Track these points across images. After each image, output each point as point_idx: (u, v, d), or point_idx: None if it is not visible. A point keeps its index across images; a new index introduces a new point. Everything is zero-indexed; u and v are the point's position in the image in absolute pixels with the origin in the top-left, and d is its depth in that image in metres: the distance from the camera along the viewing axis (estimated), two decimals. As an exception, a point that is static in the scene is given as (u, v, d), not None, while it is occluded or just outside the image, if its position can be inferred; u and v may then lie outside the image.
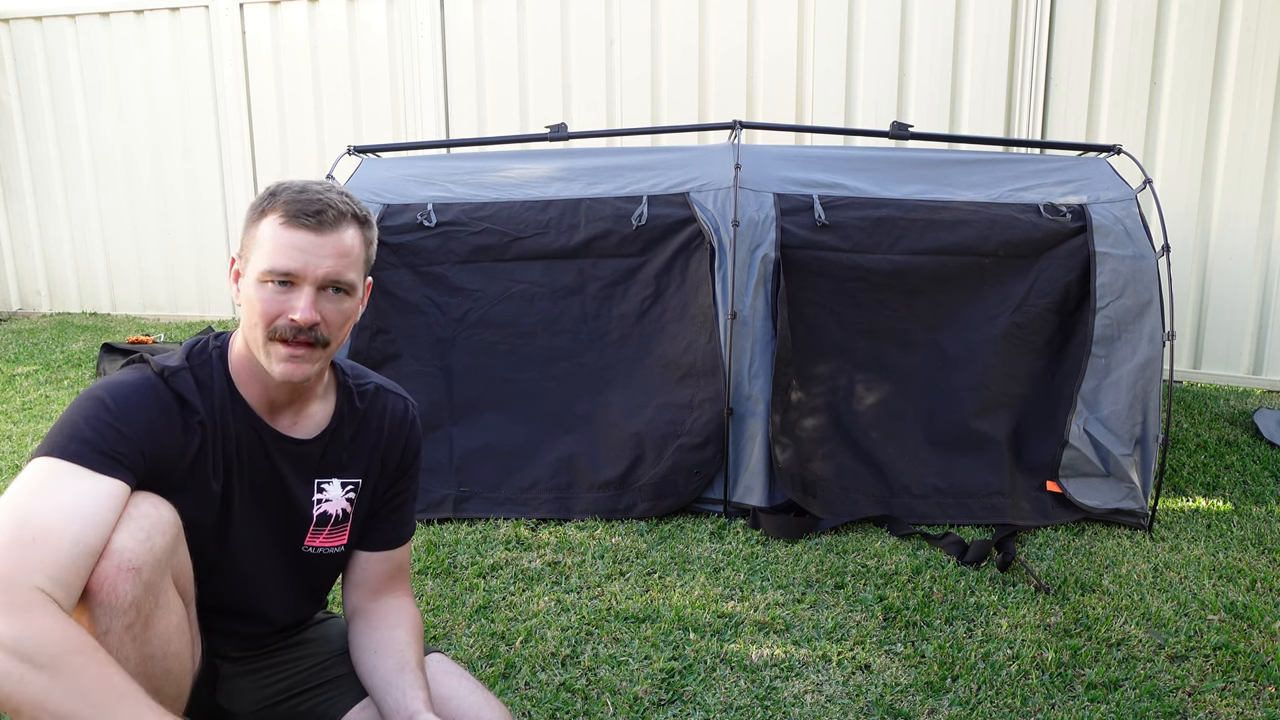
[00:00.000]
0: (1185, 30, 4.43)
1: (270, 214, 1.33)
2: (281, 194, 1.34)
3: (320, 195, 1.33)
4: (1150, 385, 2.88)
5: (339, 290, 1.36)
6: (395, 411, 1.59)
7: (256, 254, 1.34)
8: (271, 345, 1.34)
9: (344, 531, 1.55)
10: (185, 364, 1.38)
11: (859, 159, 3.18)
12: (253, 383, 1.41)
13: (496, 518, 2.95)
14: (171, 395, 1.33)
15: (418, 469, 1.65)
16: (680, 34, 5.25)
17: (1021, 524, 2.86)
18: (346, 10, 5.82)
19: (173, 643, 1.25)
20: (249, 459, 1.42)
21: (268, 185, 1.38)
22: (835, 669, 2.10)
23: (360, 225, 1.39)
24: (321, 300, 1.34)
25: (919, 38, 4.86)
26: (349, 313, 1.39)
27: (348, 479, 1.54)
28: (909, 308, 3.00)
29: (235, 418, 1.40)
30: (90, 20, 6.26)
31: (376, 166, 3.32)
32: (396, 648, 1.48)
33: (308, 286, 1.33)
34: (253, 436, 1.42)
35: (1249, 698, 2.00)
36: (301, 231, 1.31)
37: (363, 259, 1.40)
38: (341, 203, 1.35)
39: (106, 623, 1.16)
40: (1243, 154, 4.41)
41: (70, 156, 6.45)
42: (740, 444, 2.95)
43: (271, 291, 1.32)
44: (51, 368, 4.95)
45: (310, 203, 1.32)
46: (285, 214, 1.32)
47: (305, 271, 1.32)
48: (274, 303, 1.32)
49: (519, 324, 3.08)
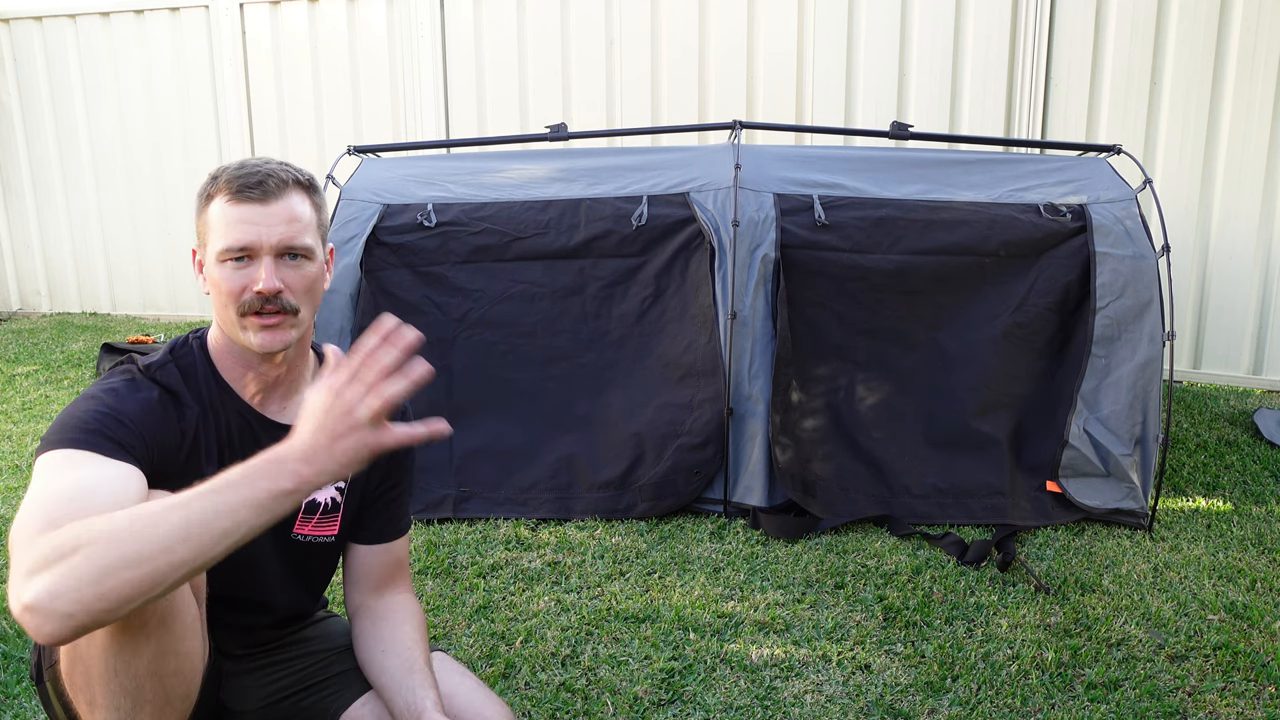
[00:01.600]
0: (1185, 30, 4.42)
1: (216, 196, 1.36)
2: (223, 175, 1.37)
3: (260, 167, 1.37)
4: (1150, 385, 2.88)
5: (296, 256, 1.38)
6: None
7: (211, 237, 1.36)
8: (244, 320, 1.36)
9: (334, 521, 1.56)
10: (169, 358, 1.40)
11: (859, 159, 3.18)
12: (236, 368, 1.43)
13: (496, 518, 2.95)
14: (160, 389, 1.35)
15: (412, 461, 1.65)
16: (680, 34, 5.25)
17: (1021, 524, 2.86)
18: (346, 10, 5.82)
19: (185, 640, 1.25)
20: (240, 446, 1.43)
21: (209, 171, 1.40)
22: (835, 669, 2.10)
23: (306, 190, 1.41)
24: (281, 268, 1.36)
25: (919, 38, 4.86)
26: (312, 278, 1.41)
27: None
28: (909, 308, 3.00)
29: (224, 406, 1.42)
30: (90, 20, 6.25)
31: (376, 166, 3.32)
32: (403, 645, 1.48)
33: (265, 257, 1.35)
34: (242, 424, 1.43)
35: (1249, 698, 2.00)
36: (248, 205, 1.34)
37: (315, 223, 1.43)
38: (282, 171, 1.38)
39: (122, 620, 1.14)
40: (1243, 154, 4.41)
41: (70, 156, 6.45)
42: (740, 444, 2.95)
43: (231, 269, 1.35)
44: (51, 368, 4.95)
45: (251, 175, 1.35)
46: (229, 191, 1.34)
47: (259, 243, 1.34)
48: (236, 279, 1.35)
49: (519, 324, 3.08)
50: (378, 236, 3.04)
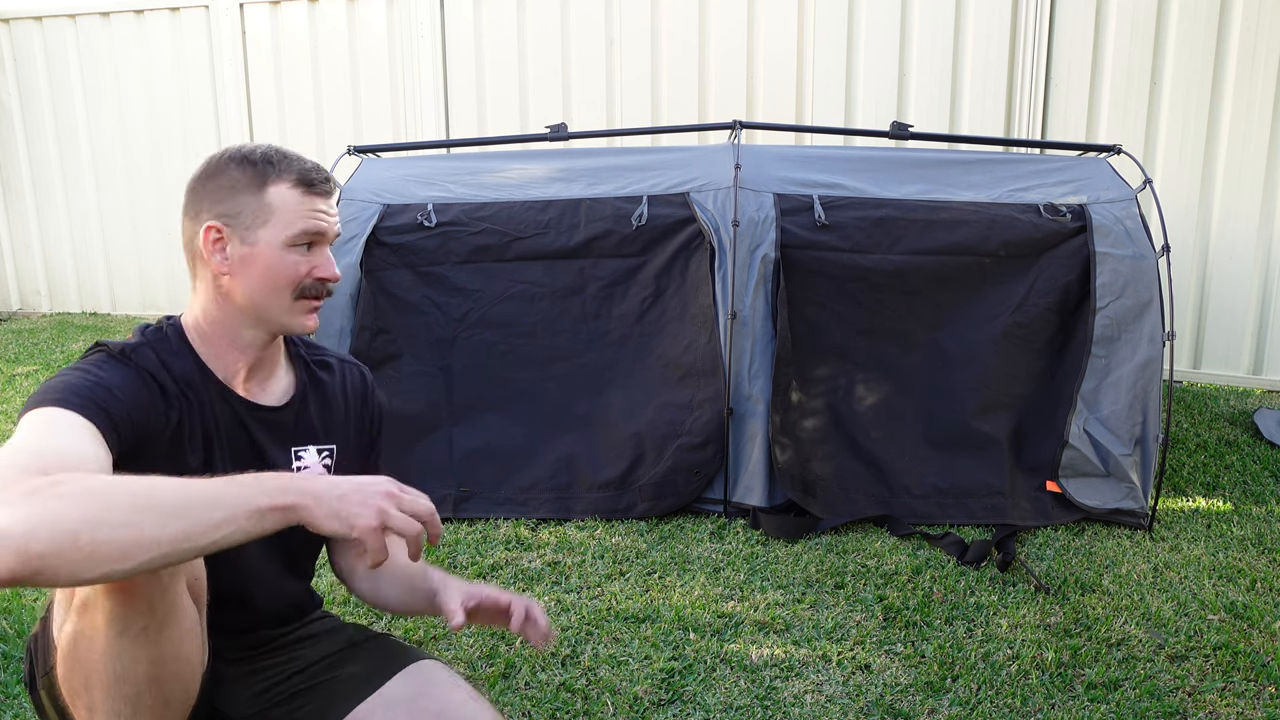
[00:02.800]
0: (1185, 30, 4.42)
1: (279, 182, 1.39)
2: (279, 161, 1.40)
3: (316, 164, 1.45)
4: (1150, 385, 2.88)
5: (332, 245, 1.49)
6: (354, 379, 1.65)
7: (274, 222, 1.38)
8: (297, 304, 1.42)
9: None
10: (141, 340, 1.39)
11: (859, 159, 3.18)
12: (227, 352, 1.43)
13: (496, 518, 2.95)
14: (138, 369, 1.34)
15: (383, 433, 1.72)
16: (680, 34, 5.25)
17: (1021, 524, 2.86)
18: (346, 10, 5.82)
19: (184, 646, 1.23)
20: (226, 432, 1.43)
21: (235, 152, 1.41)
22: (835, 669, 2.10)
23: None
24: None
25: (919, 38, 4.86)
26: None
27: (323, 446, 1.56)
28: (909, 308, 3.00)
29: (206, 389, 1.41)
30: (90, 20, 6.25)
31: (376, 166, 3.32)
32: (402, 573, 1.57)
33: (326, 246, 1.44)
34: (226, 408, 1.43)
35: (1249, 698, 2.00)
36: (319, 197, 1.42)
37: None
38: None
39: (123, 624, 1.14)
40: (1243, 154, 4.41)
41: (70, 156, 6.45)
42: (740, 444, 2.95)
43: (299, 254, 1.40)
44: (51, 368, 4.95)
45: (316, 169, 1.43)
46: (301, 181, 1.40)
47: (328, 232, 1.43)
48: (303, 264, 1.41)
49: (519, 324, 3.08)
50: (378, 236, 3.04)
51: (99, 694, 1.19)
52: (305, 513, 1.08)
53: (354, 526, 1.09)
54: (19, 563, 0.92)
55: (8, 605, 2.35)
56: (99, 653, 1.16)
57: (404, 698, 1.48)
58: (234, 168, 1.39)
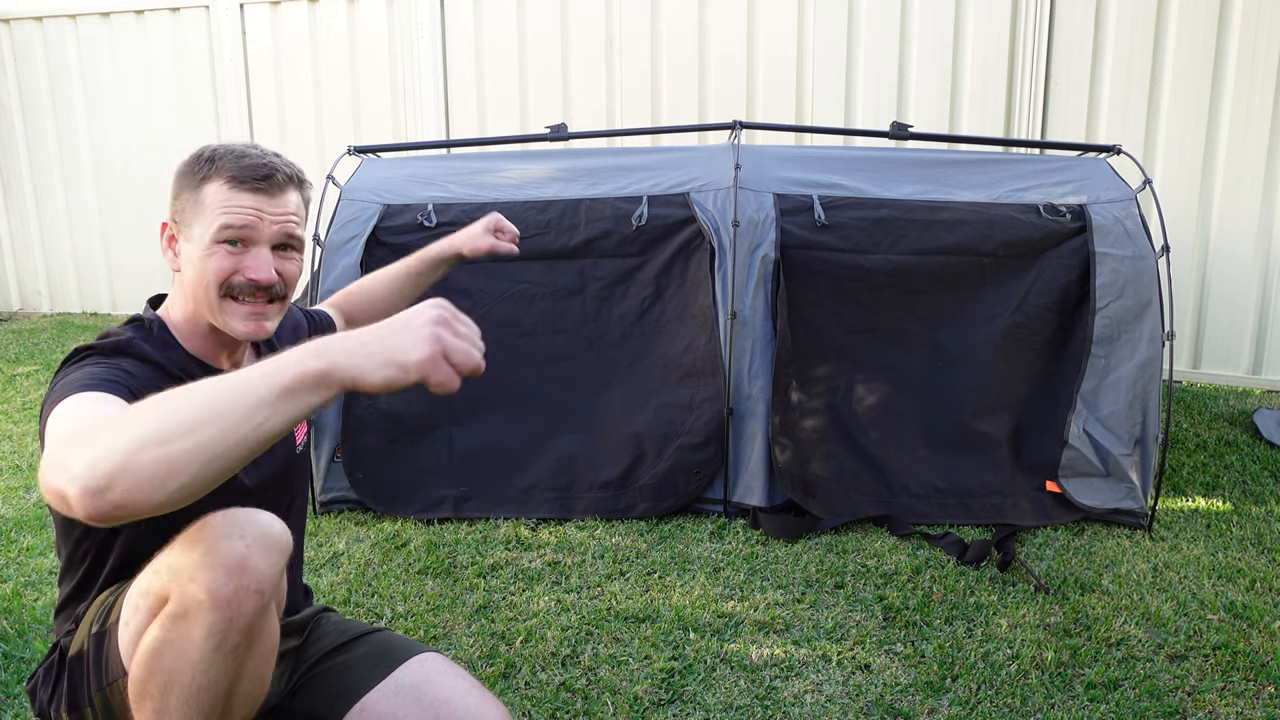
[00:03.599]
0: (1185, 30, 4.43)
1: (215, 179, 1.37)
2: (220, 159, 1.38)
3: (263, 160, 1.39)
4: (1150, 385, 2.88)
5: (289, 248, 1.43)
6: (294, 313, 1.76)
7: (204, 217, 1.38)
8: (226, 304, 1.39)
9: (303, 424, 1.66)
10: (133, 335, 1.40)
11: (859, 159, 3.18)
12: (196, 339, 1.46)
13: (496, 518, 2.95)
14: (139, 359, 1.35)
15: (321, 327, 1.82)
16: (680, 34, 5.25)
17: (1021, 524, 2.87)
18: (346, 10, 5.83)
19: (262, 666, 1.24)
20: None
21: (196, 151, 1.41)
22: (835, 669, 2.11)
23: (300, 186, 1.47)
24: (277, 259, 1.41)
25: (919, 38, 4.86)
26: (300, 266, 1.48)
27: None
28: (909, 308, 3.00)
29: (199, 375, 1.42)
30: (90, 20, 6.26)
31: (376, 166, 3.32)
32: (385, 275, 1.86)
33: (263, 246, 1.39)
34: None
35: (1249, 697, 2.00)
36: (252, 194, 1.37)
37: (305, 216, 1.49)
38: (284, 165, 1.42)
39: (219, 639, 1.13)
40: (1242, 154, 4.41)
41: (70, 156, 6.46)
42: (740, 444, 2.95)
43: (224, 252, 1.37)
44: (52, 368, 4.96)
45: (258, 167, 1.38)
46: (233, 178, 1.36)
47: (260, 231, 1.38)
48: (227, 262, 1.38)
49: (519, 324, 3.08)
50: (378, 236, 3.04)
51: (176, 700, 1.18)
52: (346, 372, 0.96)
53: (408, 366, 0.97)
54: (92, 500, 0.92)
55: (8, 605, 2.35)
56: (189, 662, 1.15)
57: (412, 685, 1.49)
58: (184, 165, 1.41)
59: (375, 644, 1.60)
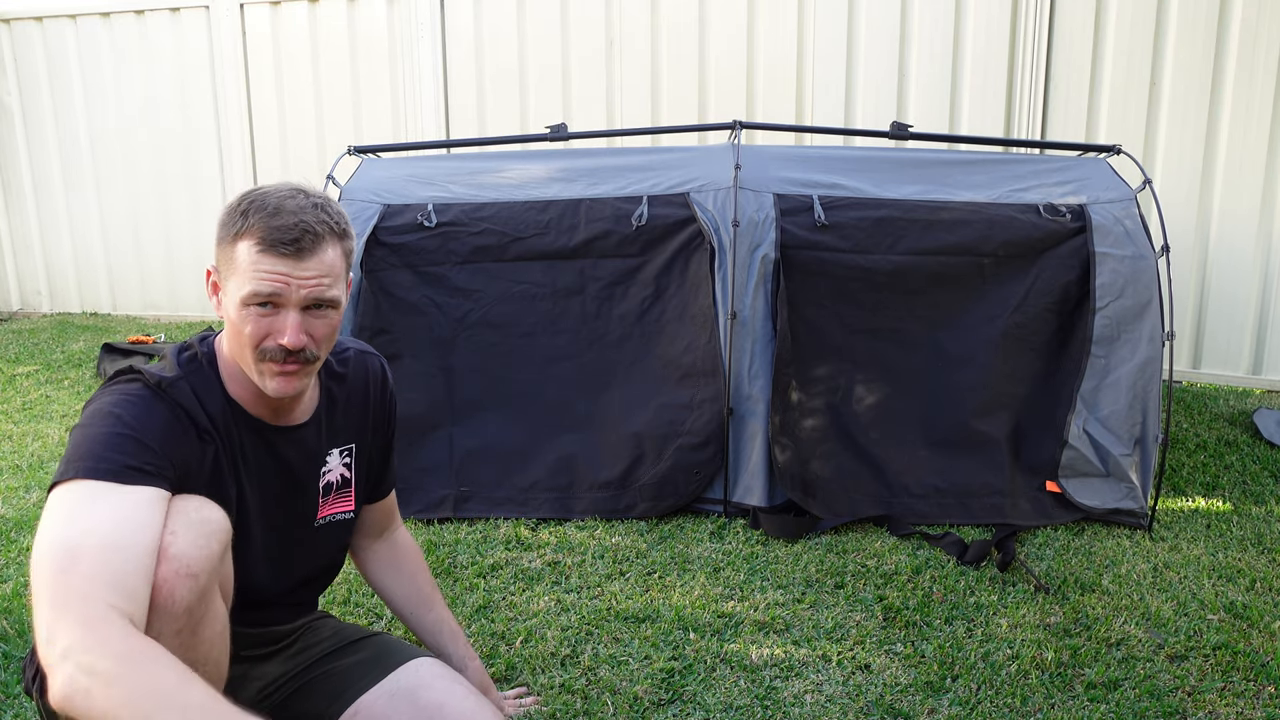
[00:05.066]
0: (1185, 30, 4.43)
1: (246, 237, 1.31)
2: (254, 215, 1.30)
3: (297, 219, 1.30)
4: (1150, 385, 2.88)
5: (323, 306, 1.36)
6: (374, 372, 1.69)
7: (236, 277, 1.32)
8: (262, 365, 1.35)
9: (349, 496, 1.62)
10: (180, 373, 1.37)
11: (859, 159, 3.18)
12: (244, 386, 1.43)
13: (496, 518, 2.95)
14: (175, 406, 1.33)
15: (396, 417, 1.78)
16: (680, 34, 5.25)
17: (1021, 524, 2.87)
18: (346, 10, 5.83)
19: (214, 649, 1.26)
20: (254, 458, 1.44)
21: (239, 198, 1.35)
22: (835, 669, 2.11)
23: (339, 239, 1.37)
24: (308, 319, 1.34)
25: (919, 38, 4.86)
26: (335, 325, 1.40)
27: (342, 445, 1.60)
28: (909, 308, 3.00)
29: (237, 423, 1.42)
30: (90, 20, 6.26)
31: (376, 166, 3.33)
32: (409, 575, 1.76)
33: (291, 310, 1.32)
34: (254, 437, 1.44)
35: (1249, 698, 2.00)
36: (281, 259, 1.30)
37: (343, 269, 1.39)
38: (318, 223, 1.32)
39: (159, 626, 1.16)
40: (1242, 154, 4.41)
41: (70, 156, 6.46)
42: (740, 444, 2.95)
43: (256, 315, 1.32)
44: (52, 368, 4.95)
45: (288, 230, 1.29)
46: (262, 241, 1.29)
47: (288, 296, 1.31)
48: (260, 326, 1.32)
49: (519, 324, 3.08)
50: (378, 237, 3.04)
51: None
52: None
53: None
54: (62, 698, 1.03)
55: (8, 605, 2.35)
56: None
57: (407, 689, 1.50)
58: (224, 214, 1.35)
59: (371, 648, 1.61)
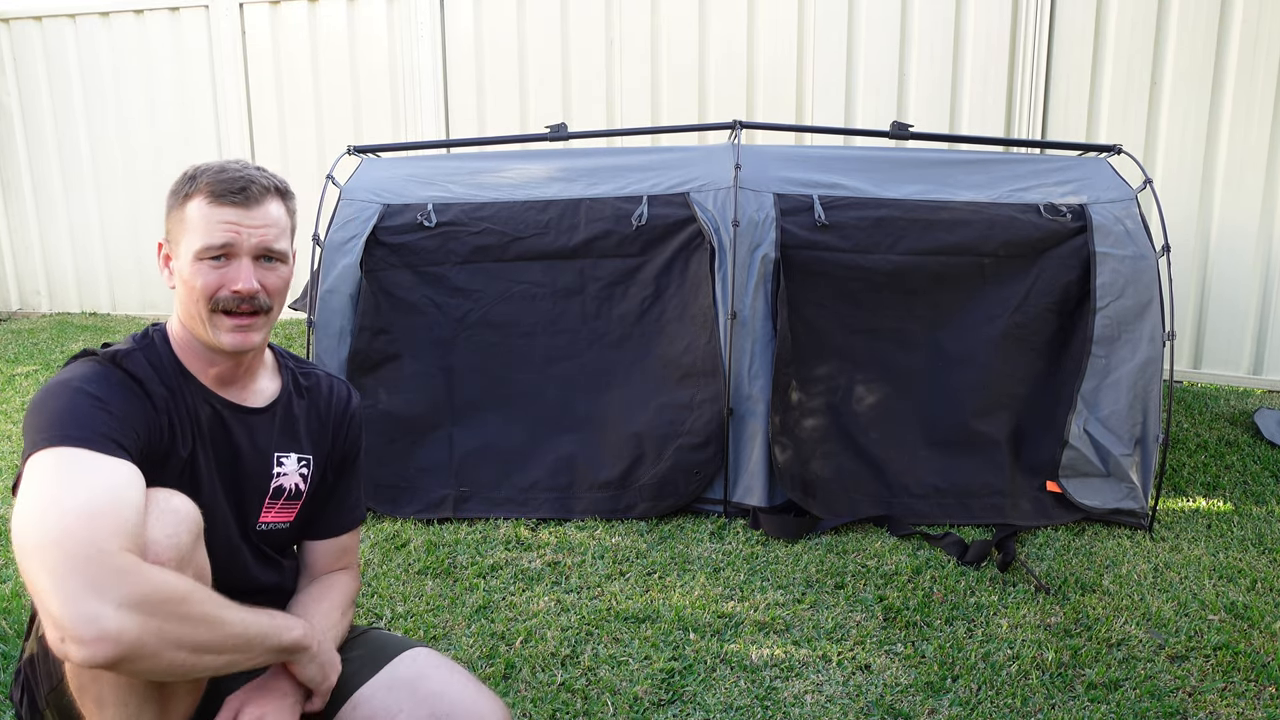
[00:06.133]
0: (1185, 30, 4.42)
1: (195, 196, 1.41)
2: (202, 176, 1.42)
3: (241, 173, 1.42)
4: (1150, 385, 2.88)
5: (271, 259, 1.45)
6: (340, 393, 1.69)
7: (189, 235, 1.41)
8: (215, 318, 1.42)
9: (294, 508, 1.61)
10: (134, 346, 1.44)
11: (859, 159, 3.18)
12: (197, 361, 1.48)
13: (496, 518, 2.95)
14: (129, 378, 1.37)
15: (361, 457, 1.73)
16: (680, 34, 5.25)
17: (1021, 524, 2.86)
18: (346, 10, 5.82)
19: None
20: (209, 433, 1.47)
21: (184, 170, 1.45)
22: (835, 669, 2.10)
23: (282, 197, 1.48)
24: (259, 270, 1.43)
25: (919, 38, 4.86)
26: (286, 280, 1.49)
27: (302, 454, 1.60)
28: (909, 308, 3.00)
29: (190, 393, 1.45)
30: (90, 20, 6.25)
31: (376, 166, 3.32)
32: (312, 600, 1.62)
33: (244, 258, 1.42)
34: (210, 411, 1.47)
35: (1249, 698, 2.00)
36: (230, 208, 1.40)
37: (289, 228, 1.50)
38: (262, 178, 1.44)
39: None
40: (1243, 154, 4.41)
41: (70, 156, 6.45)
42: (740, 444, 2.95)
43: (209, 267, 1.41)
44: (51, 368, 4.95)
45: (234, 181, 1.41)
46: (211, 194, 1.40)
47: (239, 244, 1.41)
48: (213, 278, 1.41)
49: (519, 324, 3.07)
50: (378, 236, 3.03)
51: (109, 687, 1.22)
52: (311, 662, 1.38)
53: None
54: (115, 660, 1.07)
55: (8, 605, 2.35)
56: None
57: (406, 679, 1.50)
58: (173, 185, 1.45)
59: (367, 643, 1.61)
